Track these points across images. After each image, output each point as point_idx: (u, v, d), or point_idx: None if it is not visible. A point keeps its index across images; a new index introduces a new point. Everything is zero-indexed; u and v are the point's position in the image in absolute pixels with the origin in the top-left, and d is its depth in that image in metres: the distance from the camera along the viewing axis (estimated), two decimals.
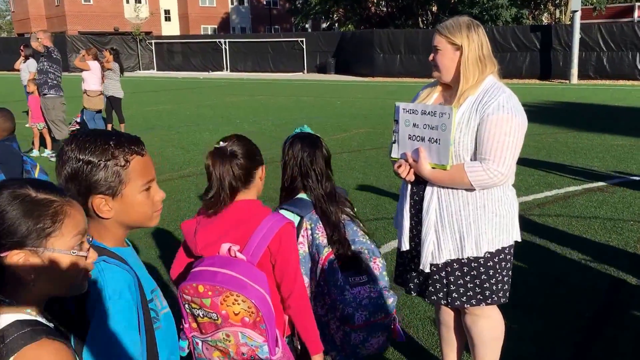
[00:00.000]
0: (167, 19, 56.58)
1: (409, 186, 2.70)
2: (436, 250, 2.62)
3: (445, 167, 2.52)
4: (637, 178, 7.78)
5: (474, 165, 2.50)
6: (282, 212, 2.41)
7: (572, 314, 3.98)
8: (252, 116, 15.10)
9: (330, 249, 2.41)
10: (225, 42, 37.35)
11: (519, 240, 2.73)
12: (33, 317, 1.22)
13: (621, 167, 8.42)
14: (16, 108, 16.73)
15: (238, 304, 1.97)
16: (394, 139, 2.70)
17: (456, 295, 2.67)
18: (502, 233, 2.63)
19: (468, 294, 2.66)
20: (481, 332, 2.78)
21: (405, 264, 2.83)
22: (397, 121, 2.65)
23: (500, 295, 2.68)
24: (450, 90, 2.67)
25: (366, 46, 30.79)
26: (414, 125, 2.59)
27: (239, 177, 2.10)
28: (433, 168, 2.56)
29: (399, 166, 2.66)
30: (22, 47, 14.63)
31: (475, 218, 2.57)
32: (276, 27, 58.26)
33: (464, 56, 2.54)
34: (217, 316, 2.01)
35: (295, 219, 2.44)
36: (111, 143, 1.47)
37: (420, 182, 2.65)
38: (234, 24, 58.25)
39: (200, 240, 2.15)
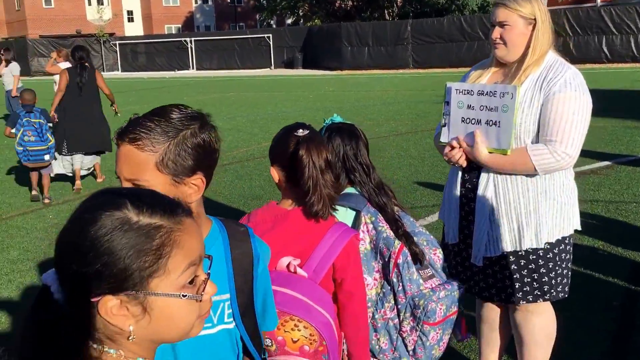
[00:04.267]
0: (130, 19, 55.87)
1: (460, 173, 2.51)
2: (490, 242, 2.43)
3: (505, 152, 2.33)
4: (629, 159, 7.71)
5: (538, 147, 2.32)
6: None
7: (601, 304, 3.81)
8: (224, 113, 14.88)
9: (401, 242, 2.20)
10: (191, 41, 36.97)
11: (579, 228, 2.54)
12: None
13: (609, 149, 8.32)
14: None
15: (298, 330, 1.74)
16: (443, 122, 2.49)
17: (511, 291, 2.47)
18: (563, 221, 2.44)
19: (525, 289, 2.46)
20: (533, 331, 2.58)
21: (451, 258, 2.62)
22: (447, 103, 2.46)
23: (559, 290, 2.51)
24: (505, 69, 2.49)
25: (334, 40, 30.73)
26: (469, 107, 2.39)
27: (331, 172, 1.87)
28: (490, 153, 2.37)
29: (451, 149, 2.45)
30: (2, 52, 14.19)
31: (536, 206, 2.39)
32: (241, 24, 57.86)
33: (537, 29, 2.36)
34: (271, 342, 1.76)
35: (350, 214, 2.23)
36: None
37: (473, 169, 2.46)
38: (198, 22, 57.71)
39: None
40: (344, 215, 2.19)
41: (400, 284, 2.19)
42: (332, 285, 1.91)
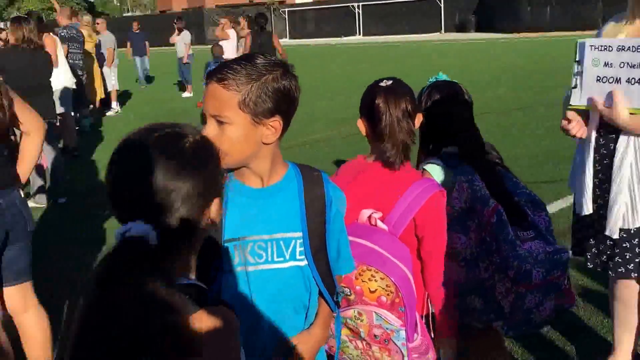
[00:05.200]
0: None
1: (593, 137, 2.33)
2: (629, 212, 2.28)
3: None
4: None
5: None
6: (430, 167, 2.26)
7: None
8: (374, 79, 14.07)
9: (495, 202, 2.14)
10: (358, 6, 36.97)
11: None
12: (193, 281, 1.12)
13: None
14: (168, 80, 16.93)
15: (375, 280, 1.86)
16: (574, 84, 2.30)
17: None
18: None
19: None
20: None
21: (583, 230, 2.49)
22: (579, 62, 2.27)
23: None
24: None
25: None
26: (606, 64, 2.21)
27: (411, 121, 1.97)
28: (632, 114, 2.18)
29: (569, 122, 2.30)
30: (175, 21, 14.98)
31: None
32: None
33: None
34: (350, 291, 1.89)
35: (447, 172, 2.25)
36: None
37: (609, 132, 2.29)
38: None
39: None
40: (440, 173, 2.24)
41: (494, 243, 2.17)
42: (415, 240, 1.98)
